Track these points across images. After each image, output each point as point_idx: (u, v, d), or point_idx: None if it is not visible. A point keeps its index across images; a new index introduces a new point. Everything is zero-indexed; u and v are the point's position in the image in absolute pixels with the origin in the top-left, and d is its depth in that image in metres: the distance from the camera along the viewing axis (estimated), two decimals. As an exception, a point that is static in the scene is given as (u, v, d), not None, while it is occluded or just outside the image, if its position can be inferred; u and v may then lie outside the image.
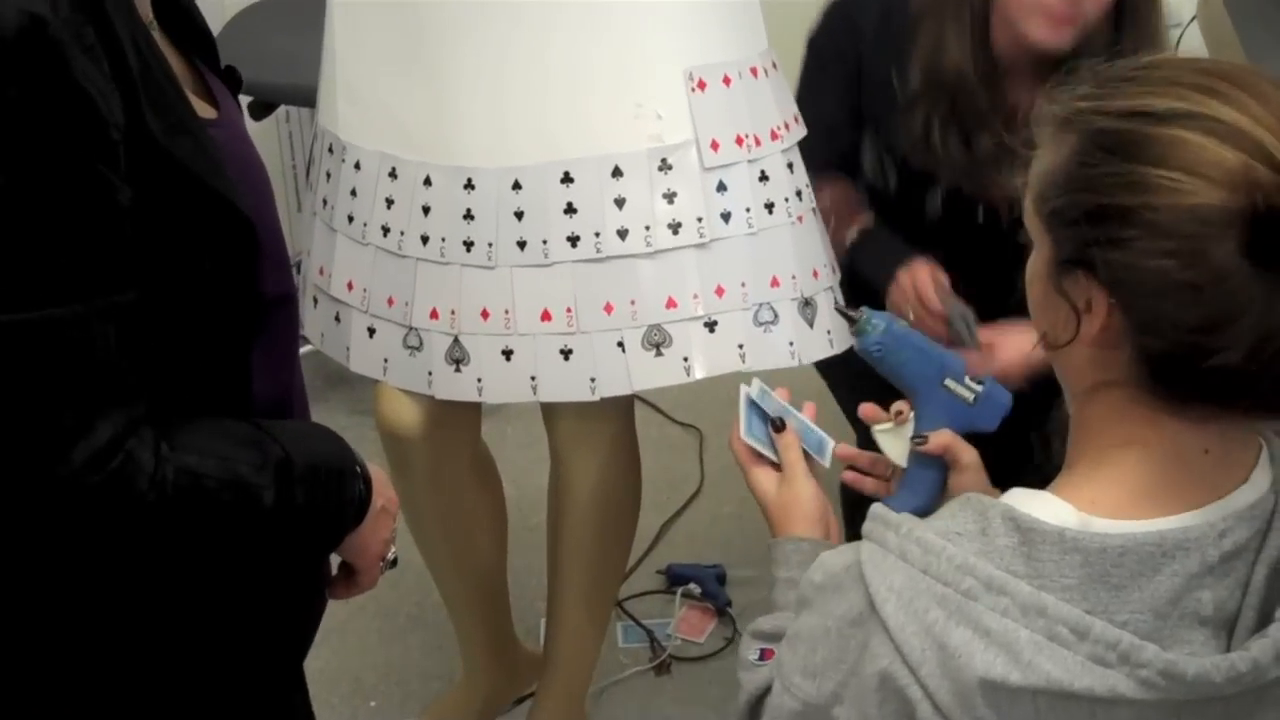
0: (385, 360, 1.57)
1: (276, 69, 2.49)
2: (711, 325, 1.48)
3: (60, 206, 0.91)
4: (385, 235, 1.53)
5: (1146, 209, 0.87)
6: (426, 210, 1.49)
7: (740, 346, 1.49)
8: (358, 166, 1.55)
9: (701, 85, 1.45)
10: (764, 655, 1.16)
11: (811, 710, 0.99)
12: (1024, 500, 0.95)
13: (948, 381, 1.28)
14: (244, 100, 2.67)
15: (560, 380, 1.49)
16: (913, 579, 0.92)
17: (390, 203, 1.52)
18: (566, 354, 1.48)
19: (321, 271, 1.63)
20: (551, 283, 1.47)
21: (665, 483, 2.64)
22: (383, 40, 1.51)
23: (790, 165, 1.53)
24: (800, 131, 1.57)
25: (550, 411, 1.68)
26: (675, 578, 2.42)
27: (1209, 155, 0.86)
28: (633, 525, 1.84)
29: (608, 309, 1.46)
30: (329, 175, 1.60)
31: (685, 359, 1.48)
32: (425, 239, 1.50)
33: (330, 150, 1.59)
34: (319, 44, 1.64)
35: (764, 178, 1.48)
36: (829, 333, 1.54)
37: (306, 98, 1.66)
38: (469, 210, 1.47)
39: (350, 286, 1.58)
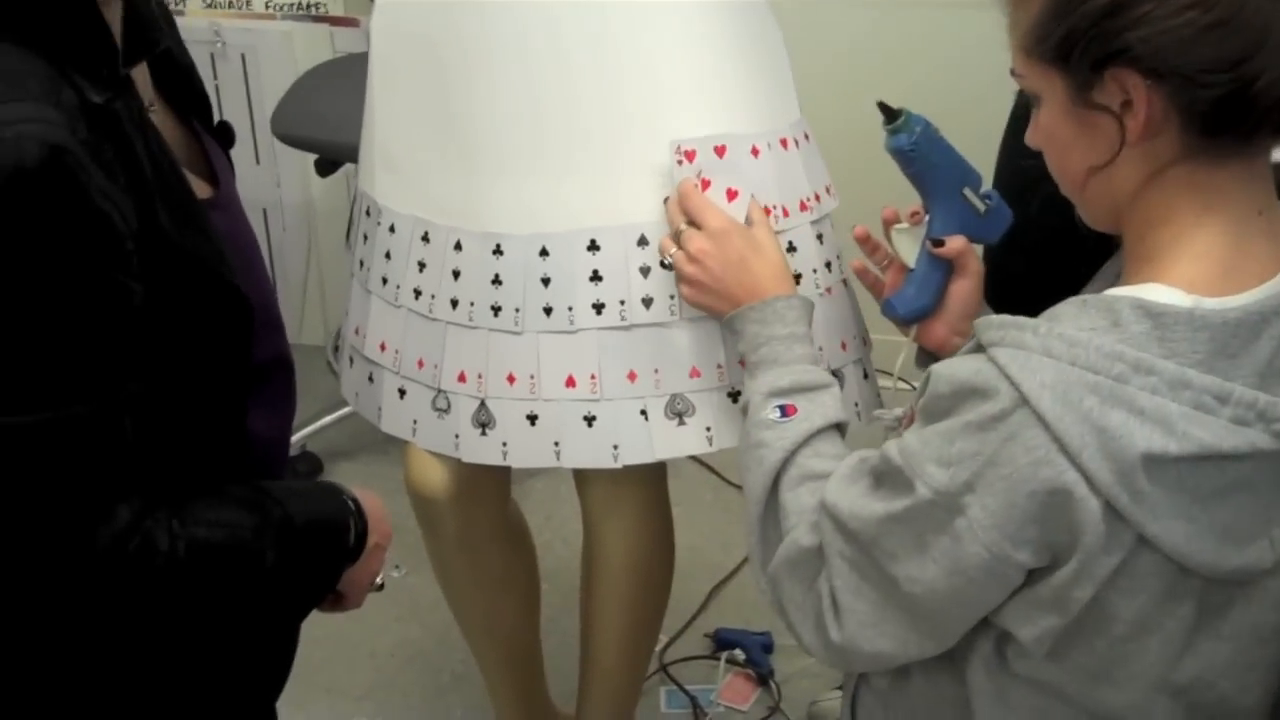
0: (415, 422, 1.58)
1: (341, 128, 2.53)
2: (735, 395, 1.47)
3: (80, 316, 0.98)
4: (417, 298, 1.54)
5: None
6: (456, 275, 1.51)
7: (765, 417, 1.47)
8: (392, 230, 1.56)
9: (721, 151, 1.44)
10: (787, 411, 1.28)
11: (941, 498, 1.05)
12: (1135, 293, 1.04)
13: (965, 190, 1.36)
14: (310, 158, 2.73)
15: (583, 447, 1.49)
16: (1062, 372, 0.99)
17: (422, 266, 1.54)
18: (590, 420, 1.48)
19: (357, 332, 1.65)
20: (577, 349, 1.47)
21: (718, 545, 2.62)
22: (417, 107, 1.53)
23: (820, 236, 1.52)
24: (832, 203, 1.56)
25: (581, 477, 1.68)
26: (722, 643, 2.39)
27: None
28: (666, 591, 1.83)
29: (631, 377, 1.46)
30: (366, 238, 1.62)
31: (708, 429, 1.47)
32: (455, 303, 1.51)
33: (368, 213, 1.62)
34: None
35: (792, 249, 1.47)
36: (856, 405, 1.52)
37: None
38: (497, 275, 1.48)
39: (383, 348, 1.60)
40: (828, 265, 1.53)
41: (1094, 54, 1.03)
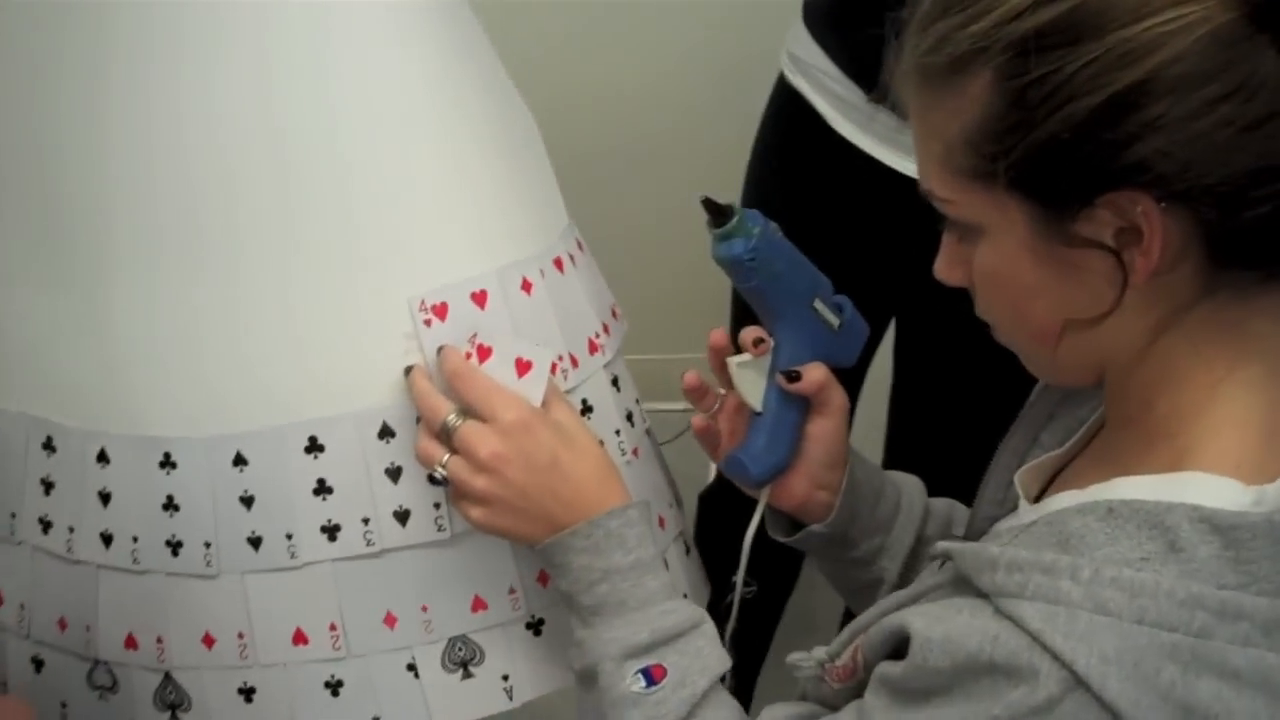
0: (63, 706, 1.09)
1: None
2: (537, 625, 1.06)
3: None
4: (46, 532, 1.05)
5: (1162, 66, 0.70)
6: (106, 498, 1.03)
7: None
8: (-6, 434, 1.06)
9: (482, 298, 1.03)
10: (654, 676, 0.93)
11: None
12: (1177, 491, 0.76)
13: (816, 302, 1.05)
14: None
15: (329, 724, 1.05)
16: (1127, 636, 0.71)
17: (49, 487, 1.05)
18: (335, 687, 1.04)
19: (-46, 574, 1.13)
20: (305, 592, 1.02)
21: None
22: (25, 254, 1.03)
23: (615, 380, 1.13)
24: (621, 328, 1.17)
25: None
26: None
27: None
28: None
29: (389, 621, 1.03)
30: (-48, 442, 1.11)
31: (505, 677, 1.06)
32: (108, 538, 1.03)
33: (-49, 408, 1.10)
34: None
35: (587, 409, 1.08)
36: (685, 595, 1.15)
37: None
38: (171, 498, 1.01)
39: (0, 601, 1.10)
40: (629, 418, 1.13)
41: (1088, 176, 0.73)
